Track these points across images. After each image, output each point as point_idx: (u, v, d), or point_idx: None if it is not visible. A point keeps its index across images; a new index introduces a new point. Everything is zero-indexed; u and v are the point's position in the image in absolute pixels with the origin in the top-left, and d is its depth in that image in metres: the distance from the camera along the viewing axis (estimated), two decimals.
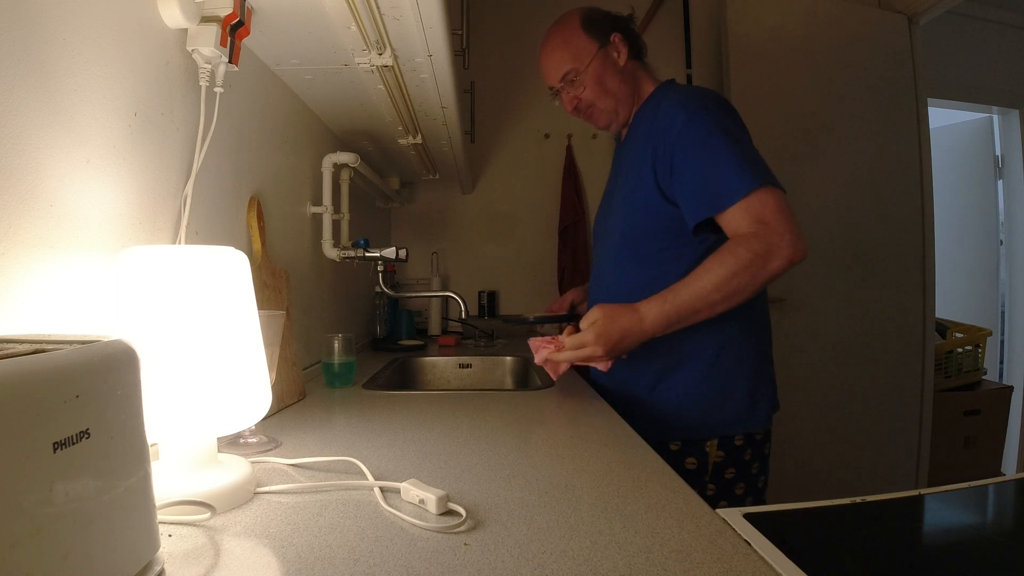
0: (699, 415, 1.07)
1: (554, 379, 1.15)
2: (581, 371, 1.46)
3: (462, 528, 0.54)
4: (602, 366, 1.05)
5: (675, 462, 1.04)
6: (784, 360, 1.84)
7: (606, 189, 1.34)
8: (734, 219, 0.97)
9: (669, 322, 0.98)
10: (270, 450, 0.79)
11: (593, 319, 1.00)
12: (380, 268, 1.61)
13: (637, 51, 1.18)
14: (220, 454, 0.65)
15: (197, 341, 0.58)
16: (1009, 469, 2.63)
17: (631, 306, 0.99)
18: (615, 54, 1.15)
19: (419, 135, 1.61)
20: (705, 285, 0.95)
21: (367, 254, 1.50)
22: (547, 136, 2.59)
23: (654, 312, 0.97)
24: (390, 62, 1.10)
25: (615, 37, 1.15)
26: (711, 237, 1.04)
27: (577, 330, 1.02)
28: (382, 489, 0.63)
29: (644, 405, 1.10)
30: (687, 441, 1.07)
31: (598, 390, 1.18)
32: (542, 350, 1.06)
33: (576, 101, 1.20)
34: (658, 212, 1.07)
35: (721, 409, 1.07)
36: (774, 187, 0.96)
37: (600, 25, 1.15)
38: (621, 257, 1.14)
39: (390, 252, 1.52)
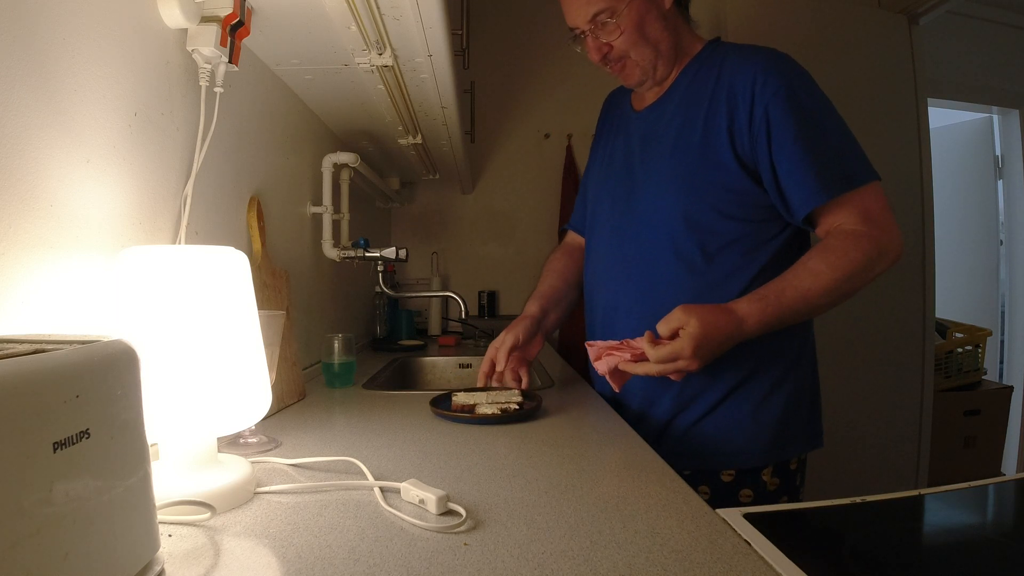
0: (760, 438, 0.93)
1: (617, 391, 0.96)
2: (582, 373, 1.46)
3: (462, 528, 0.54)
4: (676, 377, 0.86)
5: (729, 492, 0.93)
6: None
7: (599, 172, 1.09)
8: (841, 212, 0.84)
9: (767, 329, 0.84)
10: (270, 450, 0.79)
11: (683, 323, 0.80)
12: (380, 268, 1.61)
13: (682, 7, 1.00)
14: (220, 454, 0.65)
15: (197, 341, 0.58)
16: (1009, 469, 2.63)
17: (725, 307, 0.83)
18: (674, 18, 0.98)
19: (419, 135, 1.61)
20: (814, 288, 0.82)
21: (367, 254, 1.50)
22: (547, 136, 2.59)
23: (756, 316, 0.81)
24: (390, 62, 1.10)
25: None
26: (788, 229, 0.91)
27: (656, 335, 0.84)
28: (382, 489, 0.63)
29: (687, 430, 0.96)
30: (742, 471, 0.93)
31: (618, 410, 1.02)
32: (608, 358, 0.88)
33: (606, 49, 0.98)
34: (734, 191, 0.90)
35: (786, 429, 0.93)
36: (879, 182, 0.86)
37: None
38: (683, 249, 0.93)
39: (390, 252, 1.52)
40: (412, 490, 0.60)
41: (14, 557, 0.31)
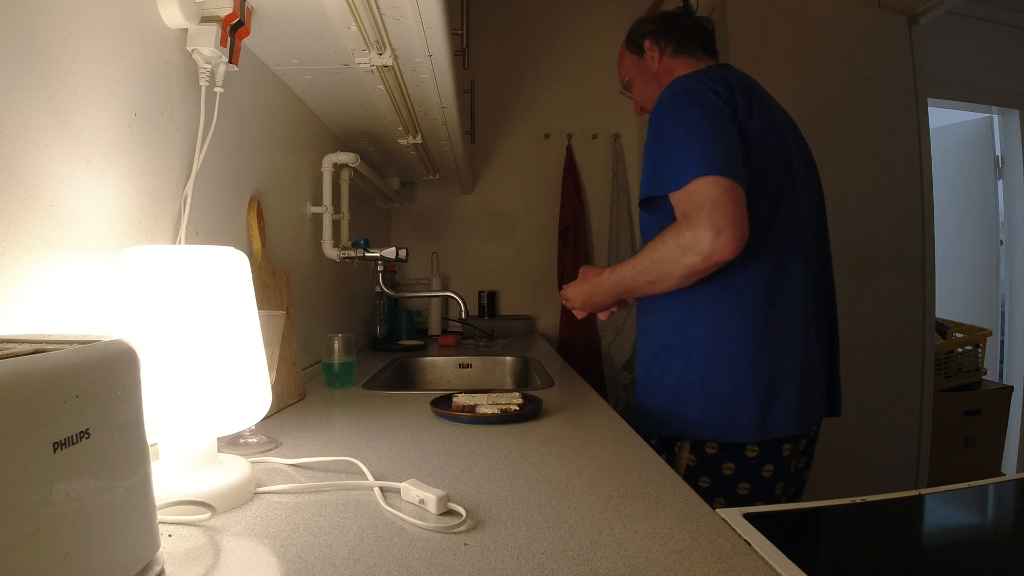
0: (672, 412, 1.01)
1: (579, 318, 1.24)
2: (582, 373, 1.46)
3: (462, 528, 0.54)
4: (578, 315, 1.20)
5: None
6: None
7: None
8: (676, 210, 0.93)
9: (617, 289, 1.07)
10: (270, 450, 0.79)
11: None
12: (380, 268, 1.61)
13: (678, 45, 1.16)
14: (220, 454, 0.65)
15: (197, 341, 0.58)
16: (1009, 469, 2.62)
17: (599, 270, 1.12)
18: (649, 61, 1.19)
19: (419, 135, 1.61)
20: (637, 266, 0.99)
21: (367, 254, 1.50)
22: (547, 136, 2.59)
23: (606, 276, 1.08)
24: (390, 62, 1.10)
25: (646, 43, 1.18)
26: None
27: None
28: (382, 489, 0.63)
29: (642, 394, 1.08)
30: (661, 439, 1.02)
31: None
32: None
33: (639, 108, 1.28)
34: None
35: (693, 410, 0.99)
36: (718, 176, 0.88)
37: (635, 37, 1.21)
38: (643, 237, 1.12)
39: (390, 252, 1.52)
40: (412, 490, 0.60)
41: (14, 557, 0.31)
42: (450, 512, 0.58)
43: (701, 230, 0.88)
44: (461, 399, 1.02)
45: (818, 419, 1.09)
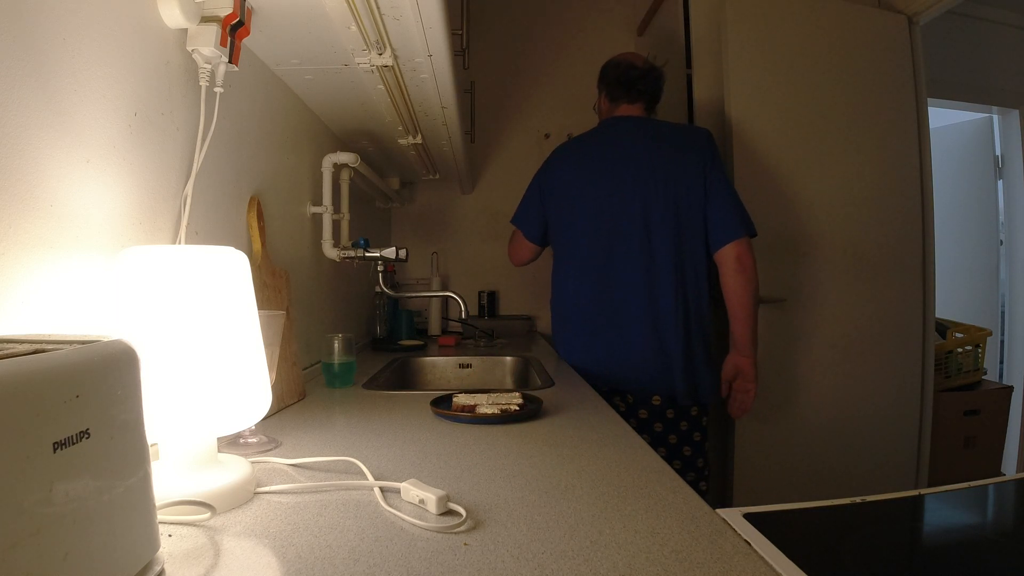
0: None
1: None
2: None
3: (462, 528, 0.54)
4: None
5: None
6: (784, 360, 1.85)
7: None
8: None
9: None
10: (270, 450, 0.79)
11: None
12: (380, 268, 1.61)
13: (615, 97, 1.61)
14: (220, 454, 0.65)
15: (197, 341, 0.58)
16: (1009, 469, 2.62)
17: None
18: (601, 105, 1.68)
19: (419, 135, 1.61)
20: None
21: (367, 254, 1.50)
22: (547, 136, 2.59)
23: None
24: (390, 62, 1.10)
25: (599, 87, 1.66)
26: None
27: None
28: (382, 489, 0.63)
29: None
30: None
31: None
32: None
33: None
34: None
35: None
36: (519, 229, 1.72)
37: (599, 80, 1.67)
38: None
39: (390, 252, 1.52)
40: (412, 490, 0.60)
41: (14, 557, 0.31)
42: (450, 512, 0.58)
43: (510, 249, 1.81)
44: (461, 399, 1.02)
45: (621, 388, 1.51)
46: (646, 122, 1.56)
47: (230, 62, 0.85)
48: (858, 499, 0.64)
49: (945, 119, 2.98)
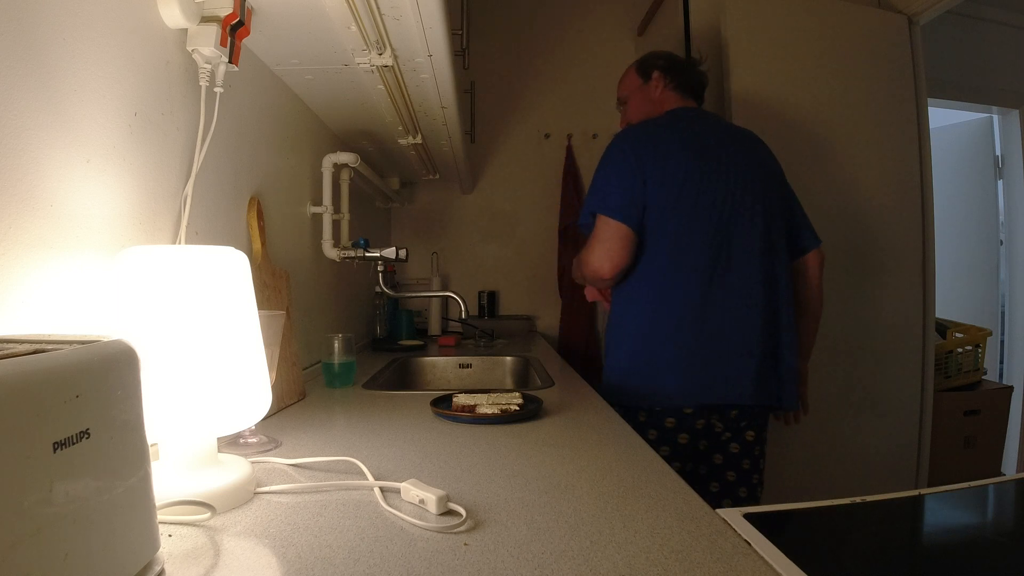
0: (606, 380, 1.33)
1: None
2: (582, 373, 1.46)
3: (462, 528, 0.54)
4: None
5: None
6: None
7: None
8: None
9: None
10: (270, 450, 0.79)
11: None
12: (380, 268, 1.61)
13: (679, 86, 1.42)
14: (220, 454, 0.65)
15: (197, 341, 0.58)
16: (1009, 469, 2.62)
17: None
18: (653, 88, 1.43)
19: (419, 135, 1.61)
20: (575, 265, 1.41)
21: (367, 254, 1.50)
22: (547, 136, 2.59)
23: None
24: (390, 62, 1.10)
25: (655, 74, 1.42)
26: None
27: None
28: (382, 489, 0.63)
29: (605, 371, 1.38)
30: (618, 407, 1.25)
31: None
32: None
33: (625, 121, 1.50)
34: None
35: (611, 379, 1.30)
36: (606, 216, 1.25)
37: (646, 65, 1.44)
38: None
39: (390, 252, 1.52)
40: (412, 490, 0.60)
41: (14, 557, 0.31)
42: (450, 512, 0.58)
43: (594, 256, 1.26)
44: (461, 399, 1.02)
45: (717, 403, 1.24)
46: (719, 118, 1.43)
47: (230, 62, 0.85)
48: (858, 499, 0.64)
49: (945, 119, 2.97)
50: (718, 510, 0.58)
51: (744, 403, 1.24)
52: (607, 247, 1.24)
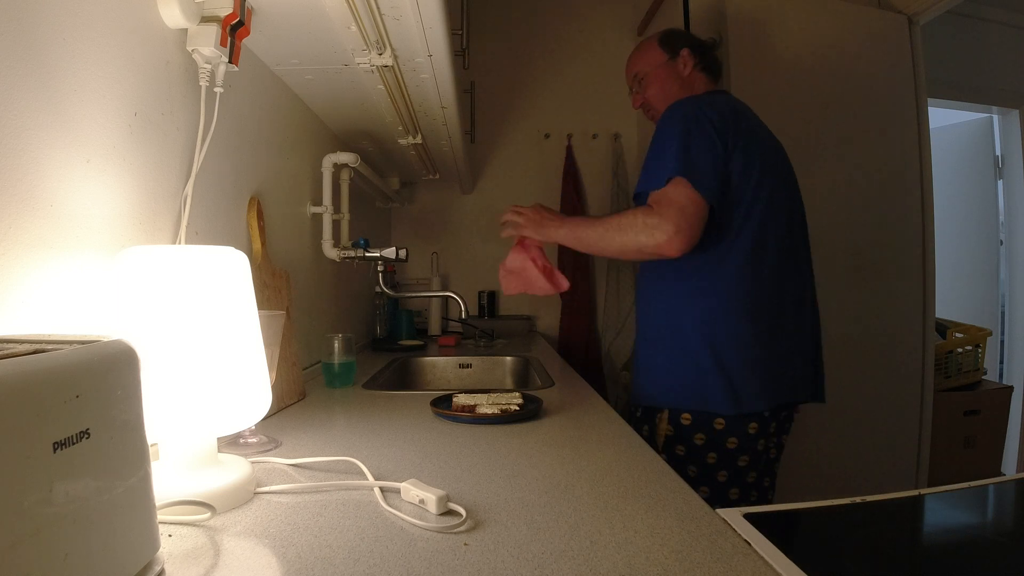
0: (652, 384, 1.19)
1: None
2: (582, 373, 1.46)
3: (462, 528, 0.54)
4: (513, 230, 1.37)
5: (638, 424, 1.21)
6: None
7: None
8: (649, 200, 1.10)
9: (571, 236, 1.21)
10: (270, 450, 0.79)
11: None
12: (380, 268, 1.61)
13: (705, 68, 1.31)
14: (220, 454, 0.65)
15: (197, 341, 0.58)
16: (1009, 469, 2.62)
17: (561, 216, 1.28)
18: (681, 66, 1.29)
19: (419, 135, 1.60)
20: (602, 224, 1.14)
21: (367, 254, 1.50)
22: (547, 136, 2.59)
23: (569, 219, 1.24)
24: (390, 62, 1.10)
25: (684, 51, 1.29)
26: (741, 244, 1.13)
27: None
28: (382, 489, 0.63)
29: (636, 370, 1.27)
30: (645, 409, 1.20)
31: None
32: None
33: (641, 99, 1.35)
34: None
35: (670, 381, 1.16)
36: (689, 182, 1.05)
37: (673, 41, 1.32)
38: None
39: (390, 252, 1.52)
40: (412, 490, 0.60)
41: (14, 557, 0.31)
42: (450, 512, 0.58)
43: (666, 222, 1.04)
44: (461, 399, 1.02)
45: (789, 401, 1.17)
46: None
47: (230, 62, 0.85)
48: (858, 499, 0.64)
49: (945, 119, 2.98)
50: (718, 510, 0.58)
51: (803, 400, 1.20)
52: (687, 215, 1.03)
